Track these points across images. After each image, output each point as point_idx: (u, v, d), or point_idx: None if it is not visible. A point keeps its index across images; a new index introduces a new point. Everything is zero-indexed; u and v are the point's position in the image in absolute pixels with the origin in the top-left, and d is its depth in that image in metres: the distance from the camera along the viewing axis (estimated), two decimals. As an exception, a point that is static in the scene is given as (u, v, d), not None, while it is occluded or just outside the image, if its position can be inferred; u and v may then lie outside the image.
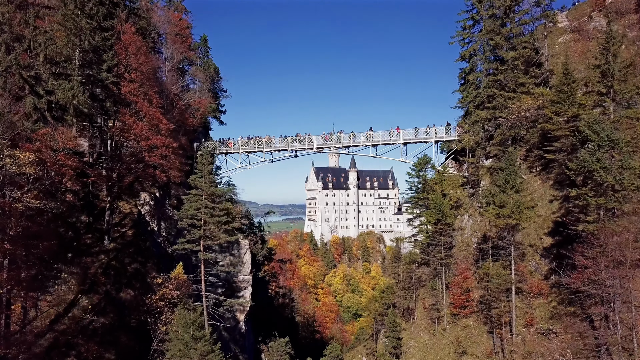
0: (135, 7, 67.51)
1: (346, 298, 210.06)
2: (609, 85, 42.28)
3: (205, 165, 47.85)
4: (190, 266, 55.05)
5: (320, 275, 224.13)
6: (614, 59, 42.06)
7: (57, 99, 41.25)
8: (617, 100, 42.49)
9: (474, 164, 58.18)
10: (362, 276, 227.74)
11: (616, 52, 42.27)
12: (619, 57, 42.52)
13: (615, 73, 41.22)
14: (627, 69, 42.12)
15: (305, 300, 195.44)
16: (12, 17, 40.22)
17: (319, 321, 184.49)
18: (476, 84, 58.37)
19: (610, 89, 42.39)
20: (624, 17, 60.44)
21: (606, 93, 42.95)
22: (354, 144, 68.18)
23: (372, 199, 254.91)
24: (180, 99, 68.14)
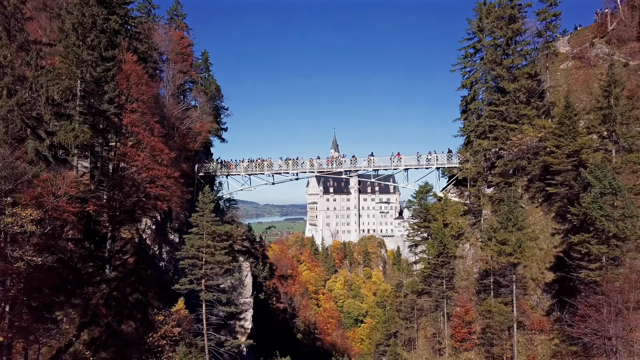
0: (136, 31, 67.42)
1: (347, 304, 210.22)
2: (611, 129, 42.14)
3: (207, 204, 47.75)
4: (193, 297, 55.01)
5: (322, 280, 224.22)
6: (616, 101, 41.92)
7: (58, 140, 41.24)
8: (620, 143, 42.34)
9: (475, 195, 58.04)
10: (363, 281, 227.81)
11: (618, 95, 42.13)
12: (621, 99, 42.34)
13: (618, 117, 41.09)
14: (630, 112, 41.91)
15: (306, 306, 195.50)
16: (14, 59, 40.06)
17: (319, 328, 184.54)
18: (478, 113, 58.30)
19: (613, 132, 42.26)
20: (626, 45, 60.24)
21: (608, 136, 42.80)
22: (355, 169, 68.11)
23: (373, 204, 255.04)
24: (182, 123, 68.05)
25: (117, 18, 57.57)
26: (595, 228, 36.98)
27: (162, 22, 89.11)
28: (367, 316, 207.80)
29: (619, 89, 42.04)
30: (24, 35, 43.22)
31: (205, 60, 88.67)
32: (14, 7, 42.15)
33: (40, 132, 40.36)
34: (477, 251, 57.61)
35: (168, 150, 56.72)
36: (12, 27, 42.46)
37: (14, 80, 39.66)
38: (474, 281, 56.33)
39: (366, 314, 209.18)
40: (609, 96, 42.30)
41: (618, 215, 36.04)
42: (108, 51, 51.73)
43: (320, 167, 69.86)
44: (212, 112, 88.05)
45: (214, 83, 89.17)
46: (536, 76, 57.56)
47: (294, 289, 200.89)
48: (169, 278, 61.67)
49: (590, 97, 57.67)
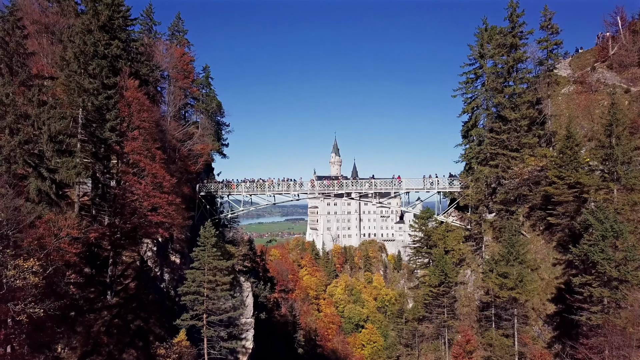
0: (137, 52, 67.35)
1: (348, 309, 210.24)
2: (612, 170, 42.13)
3: (208, 238, 47.79)
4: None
5: (322, 285, 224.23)
6: (617, 140, 41.90)
7: (60, 177, 41.26)
8: (621, 182, 42.32)
9: (476, 222, 58.03)
10: (364, 286, 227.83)
11: (620, 134, 42.10)
12: (622, 138, 42.30)
13: (619, 157, 41.08)
14: (632, 152, 41.89)
15: (307, 312, 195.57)
16: (16, 97, 40.10)
17: (320, 334, 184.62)
18: (479, 140, 58.25)
19: (614, 172, 42.24)
20: (628, 70, 60.18)
21: (609, 176, 42.78)
22: (357, 191, 68.17)
23: (374, 208, 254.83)
24: (183, 144, 68.07)
25: (119, 43, 57.79)
26: (597, 270, 36.99)
27: (163, 38, 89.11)
28: (367, 321, 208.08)
29: (621, 127, 41.98)
30: (26, 71, 43.25)
31: (206, 77, 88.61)
32: (16, 43, 42.20)
33: (42, 170, 40.37)
34: (478, 277, 57.64)
35: (169, 177, 56.67)
36: (14, 64, 42.51)
37: (16, 119, 39.71)
38: (475, 308, 56.36)
39: (367, 319, 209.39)
40: (610, 135, 42.26)
41: (620, 259, 36.06)
42: (109, 79, 51.89)
43: (322, 188, 69.92)
44: (213, 129, 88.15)
45: (215, 99, 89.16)
46: (538, 104, 57.50)
47: (294, 295, 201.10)
48: (170, 304, 61.67)
49: (592, 124, 57.70)
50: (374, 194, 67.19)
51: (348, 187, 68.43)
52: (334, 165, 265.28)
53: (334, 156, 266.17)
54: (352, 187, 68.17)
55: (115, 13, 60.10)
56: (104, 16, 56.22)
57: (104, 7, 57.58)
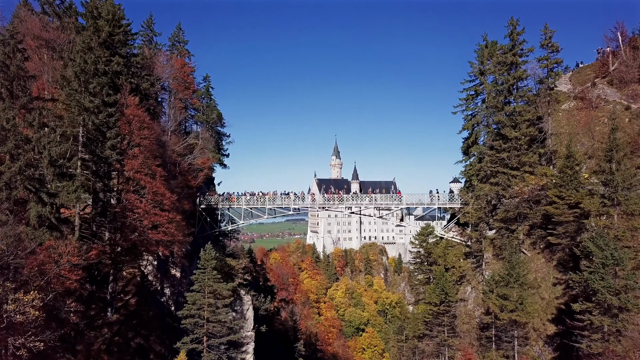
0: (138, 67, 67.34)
1: (348, 312, 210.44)
2: (613, 196, 42.12)
3: (209, 261, 47.83)
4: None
5: (323, 288, 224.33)
6: (617, 166, 41.89)
7: (61, 201, 41.28)
8: (622, 208, 42.29)
9: (477, 239, 58.02)
10: (365, 289, 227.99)
11: (620, 160, 42.10)
12: (622, 163, 42.29)
13: (619, 183, 41.07)
14: (632, 178, 41.86)
15: (307, 316, 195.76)
16: (17, 121, 40.09)
17: (321, 338, 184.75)
18: (479, 157, 58.19)
19: (615, 198, 42.23)
20: (628, 87, 60.12)
21: (610, 202, 42.76)
22: (357, 205, 68.21)
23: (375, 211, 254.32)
24: (183, 158, 68.08)
25: (119, 59, 57.80)
26: (597, 298, 37.00)
27: (163, 49, 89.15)
28: (368, 325, 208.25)
29: (621, 153, 41.96)
30: (27, 94, 43.27)
31: (207, 90, 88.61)
32: (17, 67, 42.20)
33: (43, 194, 40.37)
34: (478, 295, 57.67)
35: (170, 194, 56.67)
36: (14, 88, 42.52)
37: (17, 144, 39.73)
38: (475, 325, 56.40)
39: (367, 323, 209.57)
40: (610, 160, 42.25)
41: (620, 287, 36.07)
42: (110, 96, 51.96)
43: (322, 201, 69.95)
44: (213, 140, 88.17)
45: (216, 110, 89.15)
46: (538, 122, 57.44)
47: (295, 298, 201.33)
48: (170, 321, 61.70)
49: (592, 141, 57.69)
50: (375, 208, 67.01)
51: (349, 202, 68.44)
52: (335, 168, 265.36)
53: (335, 159, 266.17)
54: (353, 201, 68.18)
55: (115, 28, 60.14)
56: (104, 33, 56.25)
57: (104, 22, 57.65)
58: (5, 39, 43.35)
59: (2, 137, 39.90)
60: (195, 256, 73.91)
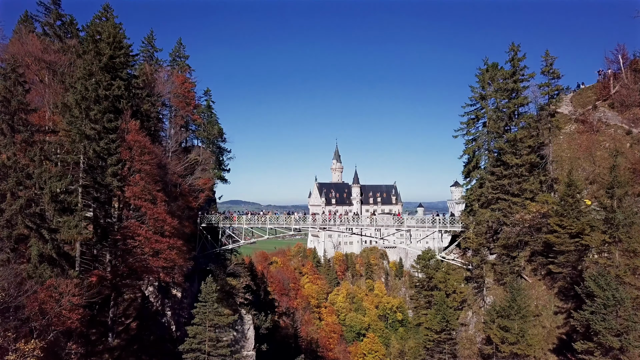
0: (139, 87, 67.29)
1: (349, 317, 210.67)
2: (614, 236, 42.09)
3: (210, 294, 47.85)
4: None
5: (324, 293, 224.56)
6: (619, 203, 41.86)
7: (62, 237, 41.37)
8: (624, 248, 42.25)
9: (477, 265, 57.99)
10: (366, 294, 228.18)
11: (622, 197, 42.05)
12: (624, 200, 42.26)
13: (621, 221, 41.02)
14: (634, 216, 41.79)
15: (308, 321, 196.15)
16: (18, 158, 40.13)
17: (322, 344, 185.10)
18: (480, 182, 58.12)
19: (616, 237, 42.19)
20: (629, 110, 60.05)
21: (611, 239, 42.71)
22: (358, 226, 68.21)
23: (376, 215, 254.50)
24: (184, 179, 68.06)
25: (120, 83, 57.82)
26: (599, 339, 37.00)
27: (164, 64, 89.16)
28: (369, 330, 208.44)
29: (623, 190, 41.89)
30: (28, 129, 43.31)
31: (208, 106, 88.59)
32: (18, 102, 42.23)
33: (44, 231, 40.42)
34: (479, 320, 57.67)
35: (171, 219, 56.72)
36: (15, 122, 42.56)
37: (18, 181, 39.77)
38: (476, 351, 56.35)
39: (368, 328, 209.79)
40: (612, 197, 42.19)
41: (621, 328, 36.08)
42: (111, 122, 52.09)
43: (323, 222, 70.02)
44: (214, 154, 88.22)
45: (217, 125, 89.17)
46: (539, 148, 57.36)
47: (295, 303, 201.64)
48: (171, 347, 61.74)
49: (593, 167, 57.65)
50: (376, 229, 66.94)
51: (350, 223, 68.38)
52: (336, 172, 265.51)
53: (336, 163, 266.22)
54: (354, 222, 68.15)
55: (116, 50, 60.14)
56: (105, 57, 56.26)
57: (105, 45, 57.68)
58: (7, 72, 43.37)
59: (3, 174, 39.95)
60: (196, 275, 74.09)
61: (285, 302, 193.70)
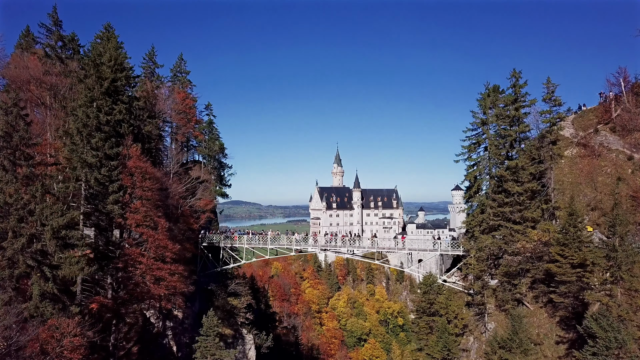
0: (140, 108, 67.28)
1: (350, 322, 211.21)
2: (616, 275, 42.07)
3: (212, 328, 47.88)
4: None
5: (325, 298, 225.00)
6: (620, 241, 41.83)
7: (63, 273, 41.38)
8: (626, 287, 42.22)
9: (479, 292, 57.93)
10: (367, 299, 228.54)
11: (623, 235, 42.01)
12: (626, 239, 42.20)
13: (622, 260, 41.00)
14: (636, 256, 41.76)
15: (309, 327, 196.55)
16: (19, 196, 40.11)
17: (322, 350, 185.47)
18: (481, 208, 58.05)
19: (618, 277, 42.18)
20: (631, 135, 59.94)
21: (612, 278, 42.69)
22: (359, 249, 68.26)
23: (377, 219, 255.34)
24: (185, 200, 68.03)
25: (122, 107, 57.81)
26: (601, 382, 37.04)
27: (165, 80, 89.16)
28: (370, 335, 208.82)
29: (624, 228, 41.86)
30: (30, 164, 43.27)
31: (209, 123, 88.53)
32: (20, 138, 42.21)
33: (45, 269, 40.44)
34: (481, 346, 57.67)
35: (172, 245, 56.73)
36: (17, 158, 42.53)
37: (19, 219, 39.80)
38: (478, 377, 56.43)
39: (369, 333, 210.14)
40: (614, 235, 42.15)
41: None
42: (112, 149, 52.13)
43: (323, 243, 70.02)
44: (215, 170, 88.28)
45: (218, 141, 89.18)
46: (541, 176, 57.30)
47: (296, 309, 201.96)
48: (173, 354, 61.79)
49: (595, 193, 57.58)
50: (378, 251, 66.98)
51: (352, 245, 68.40)
52: (336, 176, 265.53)
53: (336, 167, 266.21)
54: (356, 244, 68.20)
55: (118, 73, 60.19)
56: (107, 82, 56.20)
57: (106, 68, 57.69)
58: (8, 107, 43.28)
59: (5, 212, 39.95)
60: (197, 295, 74.11)
61: (286, 307, 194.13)
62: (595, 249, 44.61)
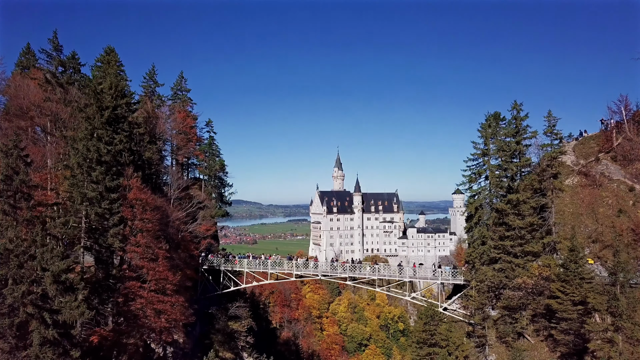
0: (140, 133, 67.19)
1: (351, 327, 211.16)
2: (617, 324, 42.01)
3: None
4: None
5: (325, 303, 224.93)
6: (621, 289, 41.78)
7: (63, 318, 41.36)
8: (627, 335, 42.17)
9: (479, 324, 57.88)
10: (367, 303, 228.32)
11: (624, 283, 41.97)
12: (626, 287, 42.16)
13: (624, 311, 40.95)
14: (638, 305, 41.71)
15: (310, 333, 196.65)
16: (20, 241, 40.05)
17: (323, 356, 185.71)
18: (482, 240, 57.94)
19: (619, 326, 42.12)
20: (632, 165, 59.82)
21: (615, 329, 42.63)
22: (359, 276, 68.22)
23: (377, 223, 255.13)
24: (186, 225, 67.99)
25: (122, 136, 57.84)
26: None
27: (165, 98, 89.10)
28: (371, 340, 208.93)
29: (626, 276, 41.81)
30: (30, 206, 43.24)
31: (209, 144, 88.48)
32: (20, 182, 42.18)
33: (46, 315, 40.40)
34: (481, 377, 57.71)
35: (172, 276, 56.74)
36: (17, 201, 42.51)
37: (20, 264, 39.79)
38: (478, 409, 56.46)
39: (370, 338, 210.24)
40: (615, 283, 42.11)
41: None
42: (113, 181, 52.16)
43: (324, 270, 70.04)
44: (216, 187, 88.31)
45: (219, 159, 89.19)
46: (542, 210, 57.21)
47: (297, 314, 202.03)
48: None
49: (596, 224, 57.49)
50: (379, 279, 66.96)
51: (352, 272, 68.31)
52: (337, 180, 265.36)
53: (337, 170, 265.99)
54: (357, 271, 68.14)
55: (118, 99, 60.25)
56: (107, 111, 56.16)
57: (107, 96, 57.76)
58: (9, 149, 43.26)
59: (5, 258, 39.92)
60: (198, 320, 74.11)
61: (287, 313, 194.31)
62: (597, 295, 44.52)
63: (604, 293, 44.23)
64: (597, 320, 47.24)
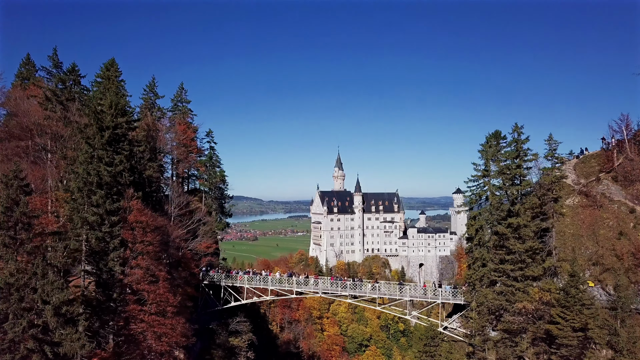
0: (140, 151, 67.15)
1: (351, 328, 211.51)
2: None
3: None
4: None
5: (326, 303, 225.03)
6: (622, 323, 41.85)
7: (64, 351, 41.43)
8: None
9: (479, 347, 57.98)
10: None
11: (625, 318, 42.02)
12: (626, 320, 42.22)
13: (624, 347, 41.03)
14: (635, 342, 41.79)
15: (310, 334, 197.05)
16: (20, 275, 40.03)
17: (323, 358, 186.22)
18: (482, 262, 57.90)
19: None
20: (633, 186, 59.73)
21: None
22: (360, 294, 68.29)
23: (378, 223, 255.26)
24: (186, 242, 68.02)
25: (123, 156, 57.73)
26: None
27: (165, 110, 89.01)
28: (371, 340, 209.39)
29: (626, 313, 41.86)
30: (30, 237, 43.16)
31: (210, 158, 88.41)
32: (20, 213, 42.10)
33: (46, 348, 40.47)
34: (481, 399, 57.82)
35: (173, 298, 56.77)
36: (17, 233, 42.43)
37: (20, 298, 39.81)
38: None
39: (370, 339, 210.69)
40: (615, 318, 42.17)
41: None
42: (113, 204, 52.15)
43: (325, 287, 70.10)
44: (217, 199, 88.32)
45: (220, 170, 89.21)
46: (543, 234, 57.17)
47: (297, 315, 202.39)
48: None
49: (597, 246, 57.47)
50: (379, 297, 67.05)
51: (353, 290, 68.34)
52: (338, 180, 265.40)
53: (337, 170, 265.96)
54: (357, 289, 68.16)
55: (118, 118, 60.11)
56: (107, 133, 56.12)
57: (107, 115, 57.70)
58: (9, 179, 43.14)
59: (6, 292, 39.93)
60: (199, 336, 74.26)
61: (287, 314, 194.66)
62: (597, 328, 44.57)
63: (604, 326, 44.29)
64: (596, 349, 47.33)
